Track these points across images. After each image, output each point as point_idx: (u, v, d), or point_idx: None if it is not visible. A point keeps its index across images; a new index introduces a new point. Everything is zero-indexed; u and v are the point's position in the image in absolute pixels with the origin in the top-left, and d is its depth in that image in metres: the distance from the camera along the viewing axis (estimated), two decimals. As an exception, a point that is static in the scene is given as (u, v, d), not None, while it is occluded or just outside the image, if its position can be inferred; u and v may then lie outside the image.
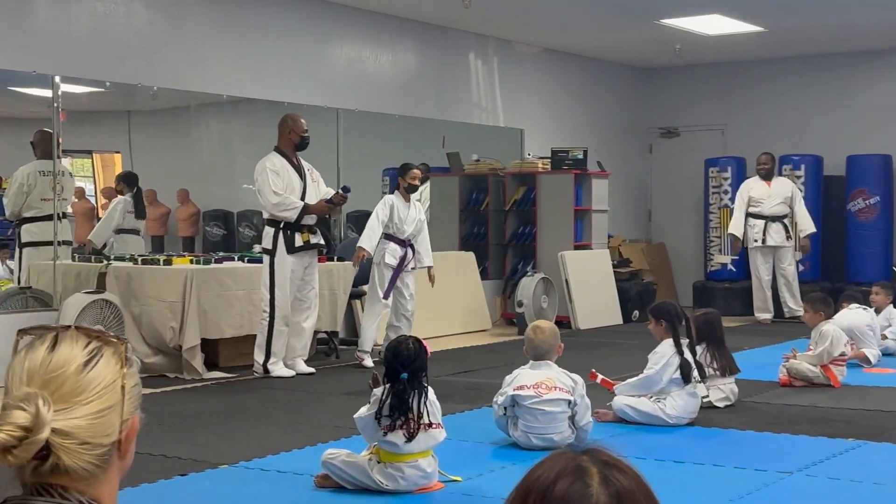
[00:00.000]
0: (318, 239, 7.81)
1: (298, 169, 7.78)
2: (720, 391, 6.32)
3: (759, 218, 11.45)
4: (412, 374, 4.41)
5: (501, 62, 12.04)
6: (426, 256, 8.39)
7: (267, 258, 7.65)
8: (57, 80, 7.97)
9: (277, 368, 7.61)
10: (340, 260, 8.81)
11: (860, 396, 6.71)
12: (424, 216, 8.62)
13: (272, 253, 7.63)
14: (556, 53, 12.69)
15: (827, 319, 7.25)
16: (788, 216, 11.45)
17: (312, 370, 7.81)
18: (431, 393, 4.50)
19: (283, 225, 7.65)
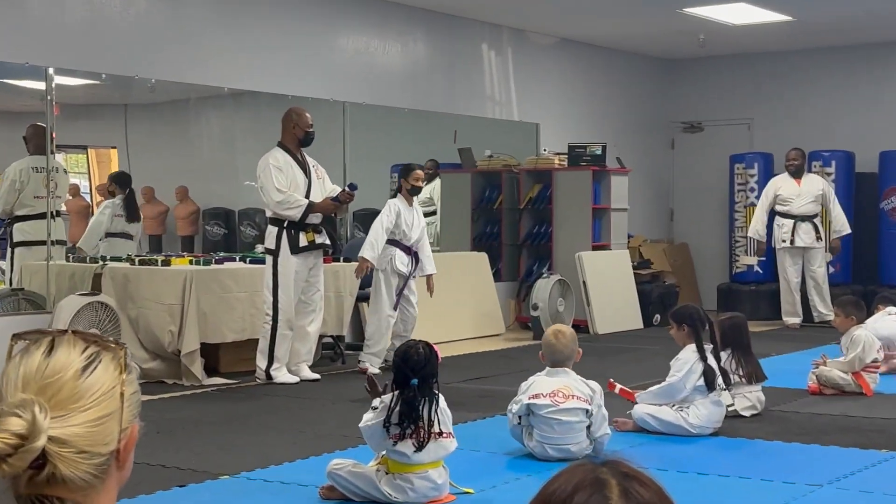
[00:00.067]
0: (323, 238, 7.83)
1: (303, 165, 7.79)
2: (746, 399, 6.31)
3: (787, 217, 11.42)
4: (422, 380, 4.42)
5: (516, 53, 12.04)
6: (428, 264, 8.41)
7: (270, 259, 7.67)
8: (51, 71, 8.00)
9: (281, 374, 7.63)
10: (347, 260, 8.82)
11: (894, 405, 6.69)
12: (425, 221, 8.64)
13: (275, 253, 7.64)
14: (573, 44, 12.68)
15: (859, 324, 7.23)
16: (819, 216, 11.42)
17: (317, 376, 7.82)
18: (442, 400, 4.50)
19: (286, 224, 7.66)
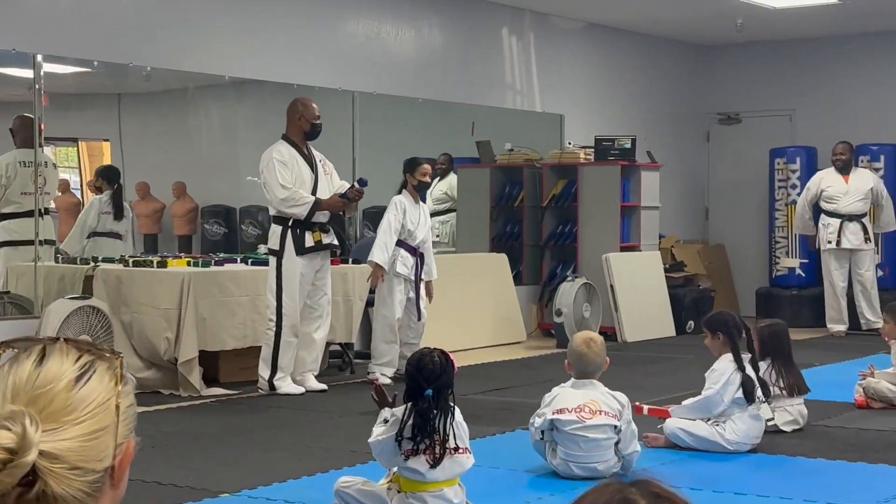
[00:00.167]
0: (331, 238, 7.84)
1: (309, 160, 7.81)
2: (787, 413, 6.29)
3: (834, 216, 11.38)
4: (437, 391, 4.41)
5: (539, 39, 12.03)
6: (432, 268, 8.42)
7: (273, 260, 7.69)
8: (39, 58, 8.04)
9: (285, 385, 7.64)
10: (356, 262, 8.83)
11: (948, 420, 6.66)
12: (430, 220, 8.65)
13: (279, 254, 7.66)
14: (600, 29, 12.66)
15: (910, 332, 7.20)
16: (867, 215, 11.37)
17: (324, 387, 7.83)
18: (458, 413, 4.50)
19: (291, 223, 7.67)
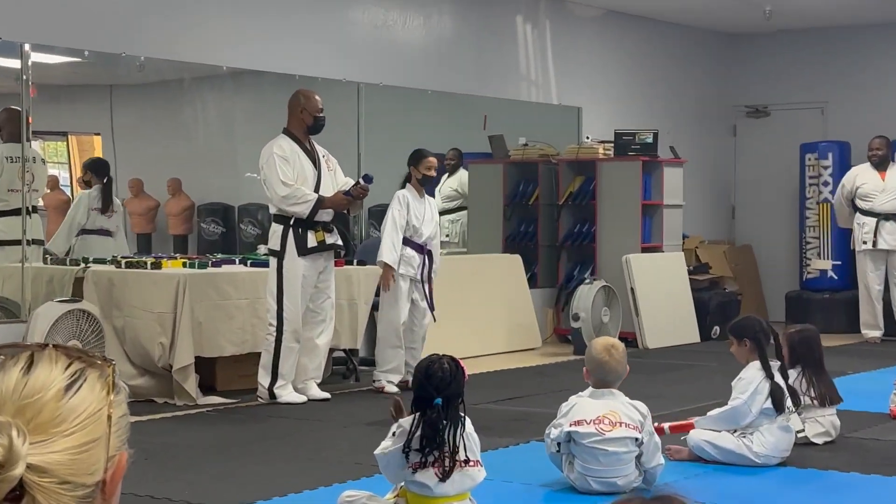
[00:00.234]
0: (334, 238, 7.84)
1: (312, 155, 7.82)
2: (818, 424, 6.28)
3: (869, 215, 11.36)
4: (447, 400, 4.41)
5: (555, 26, 12.03)
6: (434, 267, 8.42)
7: (274, 261, 7.70)
8: (27, 48, 8.06)
9: (286, 393, 7.65)
10: (361, 263, 8.84)
11: None
12: (438, 215, 8.65)
13: (280, 255, 7.67)
14: (620, 16, 12.65)
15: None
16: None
17: (328, 396, 7.84)
18: (469, 424, 4.50)
19: (293, 222, 7.68)
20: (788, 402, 5.83)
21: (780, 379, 5.83)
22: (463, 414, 4.47)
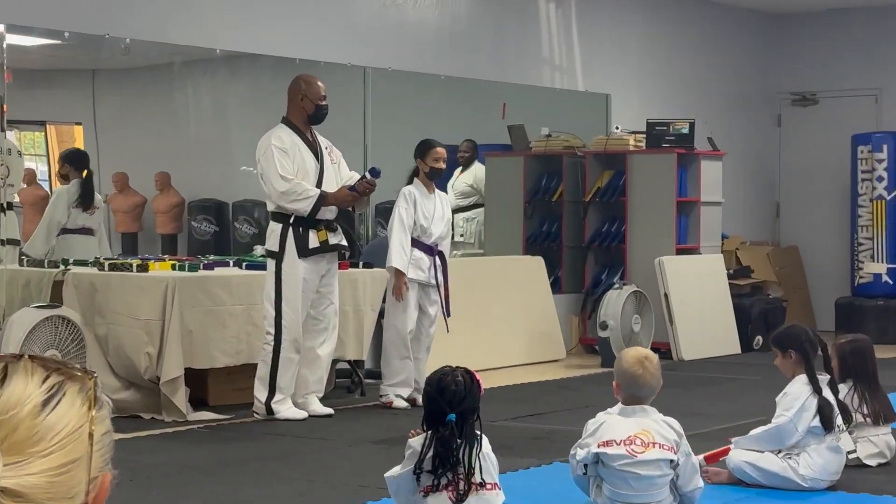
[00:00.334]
0: (338, 238, 7.85)
1: (313, 147, 7.82)
2: (871, 444, 6.26)
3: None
4: (461, 416, 4.40)
5: (581, 5, 12.02)
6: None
7: (272, 263, 7.70)
8: (1, 29, 8.07)
9: (285, 409, 7.65)
10: (367, 266, 8.84)
11: None
12: (450, 212, 8.64)
13: (279, 257, 7.67)
14: (653, -6, 12.66)
15: None
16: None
17: (331, 411, 7.84)
18: (486, 443, 4.50)
19: (293, 220, 7.69)
20: (838, 419, 5.81)
21: (829, 394, 5.81)
22: (479, 432, 4.46)
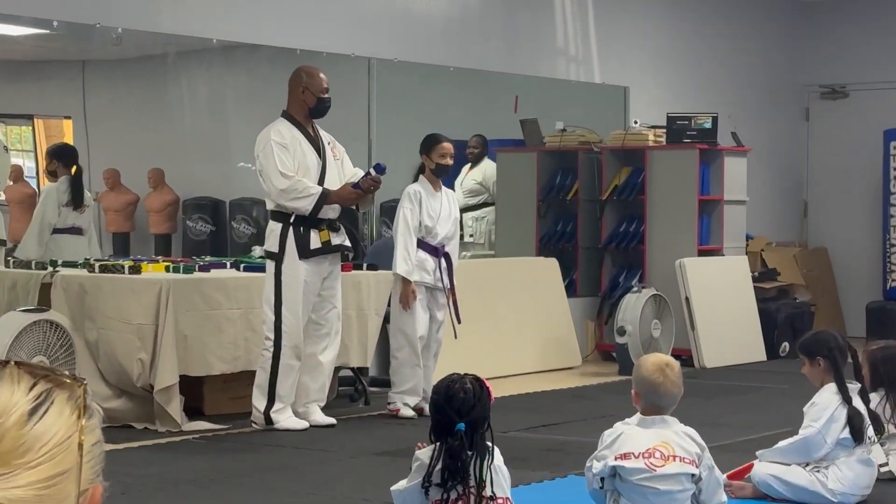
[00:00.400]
0: (341, 239, 7.85)
1: (315, 142, 7.83)
2: (905, 457, 6.25)
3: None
4: (471, 426, 4.40)
5: (598, -7, 12.03)
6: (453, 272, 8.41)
7: (271, 265, 7.71)
8: (-13, 18, 8.10)
9: (284, 418, 7.66)
10: (372, 268, 8.84)
11: None
12: (458, 211, 8.64)
13: (279, 258, 7.68)
14: (674, -19, 12.66)
15: None
16: None
17: (333, 421, 7.84)
18: (498, 455, 4.49)
19: (293, 219, 7.69)
20: (870, 430, 5.80)
21: (859, 404, 5.80)
22: (490, 443, 4.46)
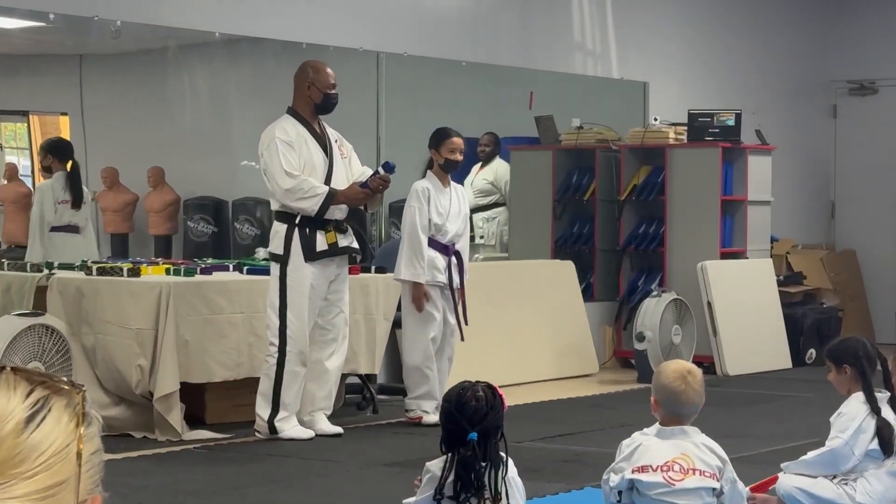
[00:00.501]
0: (348, 240, 7.85)
1: (322, 139, 7.83)
2: (936, 469, 6.24)
3: None
4: (483, 435, 4.40)
5: (616, -15, 12.03)
6: (465, 270, 8.40)
7: (276, 268, 7.71)
8: (-20, 11, 8.12)
9: (289, 427, 7.66)
10: (381, 271, 8.85)
11: None
12: (468, 208, 8.63)
13: (284, 260, 7.68)
14: (696, -28, 12.65)
15: None
16: None
17: (340, 430, 7.84)
18: (512, 466, 4.49)
19: (299, 220, 7.70)
20: (900, 441, 5.79)
21: (889, 414, 5.78)
22: (504, 454, 4.46)
